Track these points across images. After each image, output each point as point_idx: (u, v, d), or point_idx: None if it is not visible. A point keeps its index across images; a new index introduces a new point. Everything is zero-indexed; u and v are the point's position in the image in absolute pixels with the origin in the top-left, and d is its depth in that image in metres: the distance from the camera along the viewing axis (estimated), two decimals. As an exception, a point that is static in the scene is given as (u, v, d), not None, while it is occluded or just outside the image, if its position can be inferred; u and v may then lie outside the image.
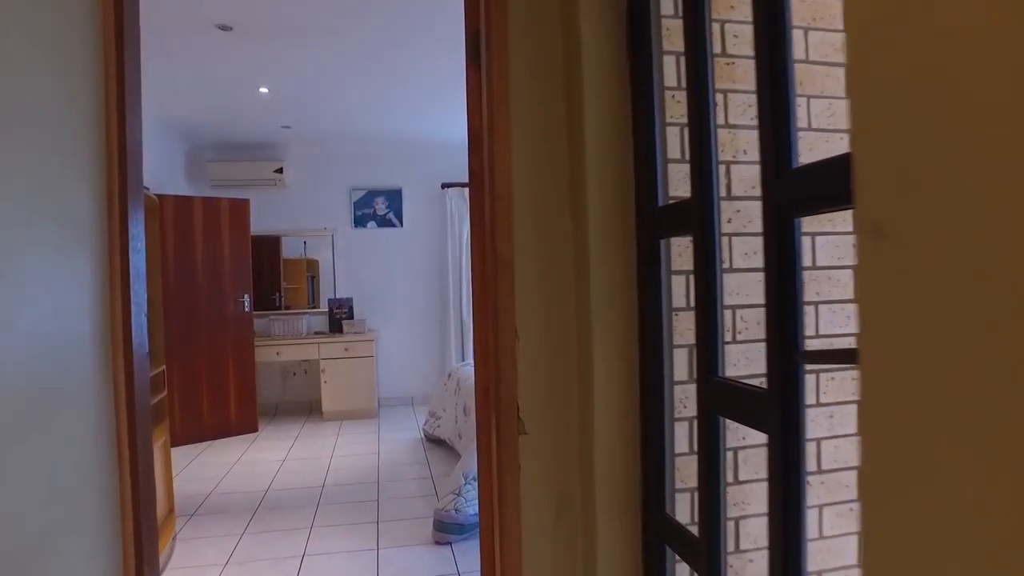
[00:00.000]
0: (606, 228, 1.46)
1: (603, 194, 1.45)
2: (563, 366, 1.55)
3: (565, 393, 1.55)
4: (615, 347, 1.46)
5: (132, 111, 1.41)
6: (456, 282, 6.45)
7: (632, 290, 1.46)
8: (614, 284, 1.46)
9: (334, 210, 6.39)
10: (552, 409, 1.54)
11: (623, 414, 1.46)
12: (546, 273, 1.54)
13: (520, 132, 1.53)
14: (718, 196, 1.17)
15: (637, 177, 1.46)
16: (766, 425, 0.98)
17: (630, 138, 1.47)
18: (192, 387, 5.16)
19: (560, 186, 1.55)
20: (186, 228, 5.13)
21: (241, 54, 3.78)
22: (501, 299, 1.50)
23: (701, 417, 1.19)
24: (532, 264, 1.54)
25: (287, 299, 6.34)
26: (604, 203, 1.46)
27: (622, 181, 1.46)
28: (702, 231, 1.18)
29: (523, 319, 1.52)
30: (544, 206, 1.55)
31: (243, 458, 4.67)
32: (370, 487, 3.91)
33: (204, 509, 3.57)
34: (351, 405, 5.87)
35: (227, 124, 5.40)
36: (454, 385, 4.58)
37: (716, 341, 1.17)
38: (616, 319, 1.46)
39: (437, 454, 4.60)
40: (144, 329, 1.41)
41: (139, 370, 1.38)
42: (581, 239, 1.50)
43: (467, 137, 1.71)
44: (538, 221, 1.54)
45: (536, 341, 1.53)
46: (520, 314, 1.52)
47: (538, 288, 1.54)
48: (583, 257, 1.49)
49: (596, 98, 1.45)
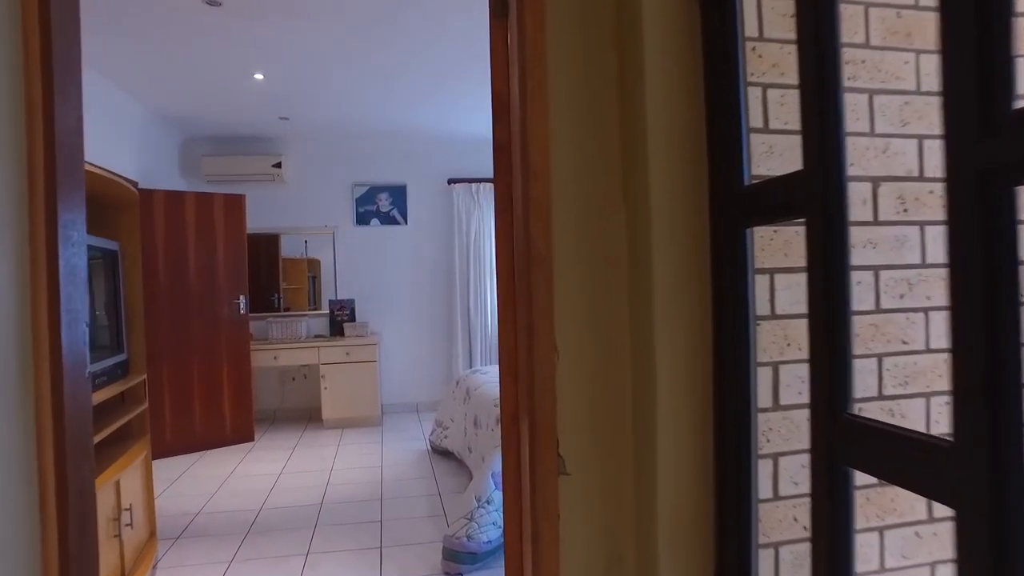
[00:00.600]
0: (672, 214, 1.14)
1: (669, 170, 1.14)
2: (614, 389, 1.24)
3: (616, 423, 1.24)
4: (683, 365, 1.14)
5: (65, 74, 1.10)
6: (463, 283, 6.14)
7: (705, 293, 1.15)
8: (681, 285, 1.14)
9: (335, 207, 6.08)
10: (600, 443, 1.23)
11: (693, 450, 1.15)
12: (592, 272, 1.23)
13: (560, 94, 1.22)
14: (846, 167, 0.86)
15: (711, 150, 1.15)
16: (954, 496, 0.67)
17: (702, 101, 1.15)
18: (184, 394, 4.86)
19: (610, 161, 1.24)
20: (177, 225, 4.82)
21: (231, 34, 3.48)
22: (536, 305, 1.19)
23: (819, 468, 0.88)
24: (575, 261, 1.22)
25: (287, 300, 6.03)
26: (670, 182, 1.14)
27: (692, 155, 1.15)
28: (823, 213, 0.86)
29: (564, 330, 1.21)
30: (590, 187, 1.23)
31: (237, 471, 4.36)
32: (372, 505, 3.60)
33: (190, 531, 3.26)
34: (352, 412, 5.56)
35: (222, 115, 5.10)
36: (462, 394, 4.27)
37: (844, 362, 0.85)
38: (684, 330, 1.14)
39: (444, 467, 4.29)
40: (82, 340, 1.10)
41: (73, 391, 1.07)
42: (639, 229, 1.19)
43: (491, 105, 1.40)
44: (583, 207, 1.23)
45: (580, 358, 1.22)
46: (560, 324, 1.21)
47: (582, 291, 1.23)
48: (641, 251, 1.18)
49: (659, 49, 1.14)
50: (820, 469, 0.87)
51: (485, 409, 3.53)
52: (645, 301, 1.16)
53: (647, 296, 1.15)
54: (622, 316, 1.24)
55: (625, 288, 1.24)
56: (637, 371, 1.21)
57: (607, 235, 1.23)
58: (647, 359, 1.16)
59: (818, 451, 0.87)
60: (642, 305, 1.18)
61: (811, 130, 0.87)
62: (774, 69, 1.21)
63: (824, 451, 0.86)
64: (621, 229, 1.24)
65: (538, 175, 1.19)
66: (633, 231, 1.21)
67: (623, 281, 1.24)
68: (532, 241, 1.18)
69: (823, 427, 0.86)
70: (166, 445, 4.74)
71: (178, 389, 4.83)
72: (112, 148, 4.24)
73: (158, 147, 5.16)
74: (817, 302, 0.87)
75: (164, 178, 5.25)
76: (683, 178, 1.15)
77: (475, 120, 5.40)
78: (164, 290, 4.75)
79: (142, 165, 4.78)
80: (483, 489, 2.86)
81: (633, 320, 1.23)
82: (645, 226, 1.16)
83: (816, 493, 0.88)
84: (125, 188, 2.71)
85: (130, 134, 4.57)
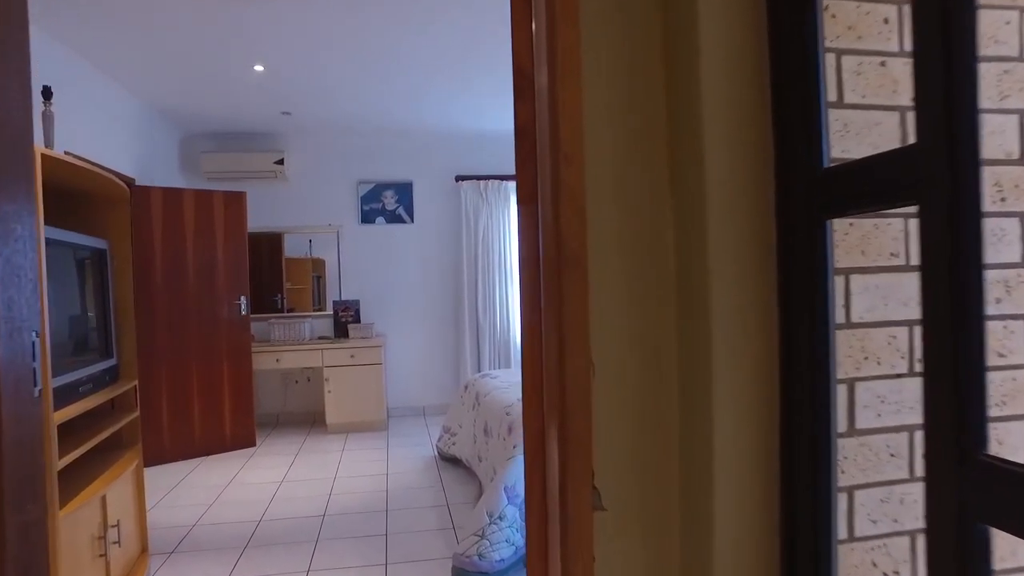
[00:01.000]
0: (733, 205, 0.96)
1: (729, 152, 0.95)
2: (659, 410, 1.05)
3: (662, 451, 1.05)
4: (745, 384, 0.96)
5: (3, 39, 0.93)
6: (471, 283, 5.95)
7: (770, 298, 0.96)
8: (744, 290, 0.96)
9: (339, 205, 5.91)
10: (642, 474, 1.05)
11: (756, 484, 0.96)
12: (634, 274, 1.04)
13: (594, 62, 1.03)
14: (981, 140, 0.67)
15: (776, 128, 0.96)
16: None
17: (766, 70, 0.97)
18: (182, 398, 4.69)
19: (654, 142, 1.05)
20: (175, 223, 4.66)
21: (229, 21, 3.30)
22: (568, 312, 1.00)
23: (941, 525, 0.69)
24: (613, 261, 1.04)
25: (290, 301, 5.86)
26: (731, 167, 0.95)
27: (756, 133, 0.96)
28: (948, 198, 0.67)
29: (601, 341, 1.03)
30: (631, 173, 1.05)
31: (236, 479, 4.19)
32: (378, 517, 3.42)
33: (185, 546, 3.09)
34: (357, 417, 5.39)
35: (221, 110, 4.93)
36: (471, 399, 4.09)
37: (979, 387, 0.66)
38: (747, 342, 0.96)
39: (453, 476, 4.11)
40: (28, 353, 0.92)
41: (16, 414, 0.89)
42: (691, 222, 1.00)
43: (513, 84, 1.22)
44: (622, 196, 1.04)
45: (619, 374, 1.04)
46: (596, 334, 1.02)
47: (622, 295, 1.04)
48: (695, 250, 0.99)
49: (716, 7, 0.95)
50: (943, 527, 0.68)
51: (496, 416, 3.34)
52: (699, 308, 0.97)
53: (702, 302, 0.97)
54: (668, 324, 1.05)
55: (672, 292, 1.05)
56: (688, 390, 1.02)
57: (651, 230, 1.05)
58: (700, 376, 0.98)
59: (940, 502, 0.68)
60: (695, 312, 0.99)
61: (930, 96, 0.69)
62: (850, 32, 1.03)
63: (949, 503, 0.67)
64: (667, 223, 1.05)
65: (570, 158, 1.00)
66: (683, 225, 1.02)
67: (670, 284, 1.05)
68: (563, 237, 1.00)
69: (947, 471, 0.68)
70: (164, 451, 4.57)
71: (176, 393, 4.66)
72: (106, 144, 4.08)
73: (156, 144, 5.00)
74: (937, 307, 0.69)
75: (163, 176, 5.09)
76: (746, 161, 0.96)
77: (483, 115, 5.22)
78: (162, 291, 4.59)
79: (139, 162, 4.62)
80: (495, 504, 2.68)
81: (683, 330, 1.04)
82: (699, 219, 0.97)
83: (936, 557, 0.69)
84: (113, 183, 2.54)
85: (126, 130, 4.41)
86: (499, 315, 5.97)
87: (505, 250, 6.00)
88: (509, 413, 3.16)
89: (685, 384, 1.03)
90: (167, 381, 4.61)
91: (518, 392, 3.60)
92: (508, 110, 5.04)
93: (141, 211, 4.47)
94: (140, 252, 4.46)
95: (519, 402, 3.25)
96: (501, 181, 5.97)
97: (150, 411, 4.49)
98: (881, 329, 1.04)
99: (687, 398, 1.03)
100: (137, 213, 4.44)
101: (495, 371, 4.57)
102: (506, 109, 5.01)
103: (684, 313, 1.04)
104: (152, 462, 4.49)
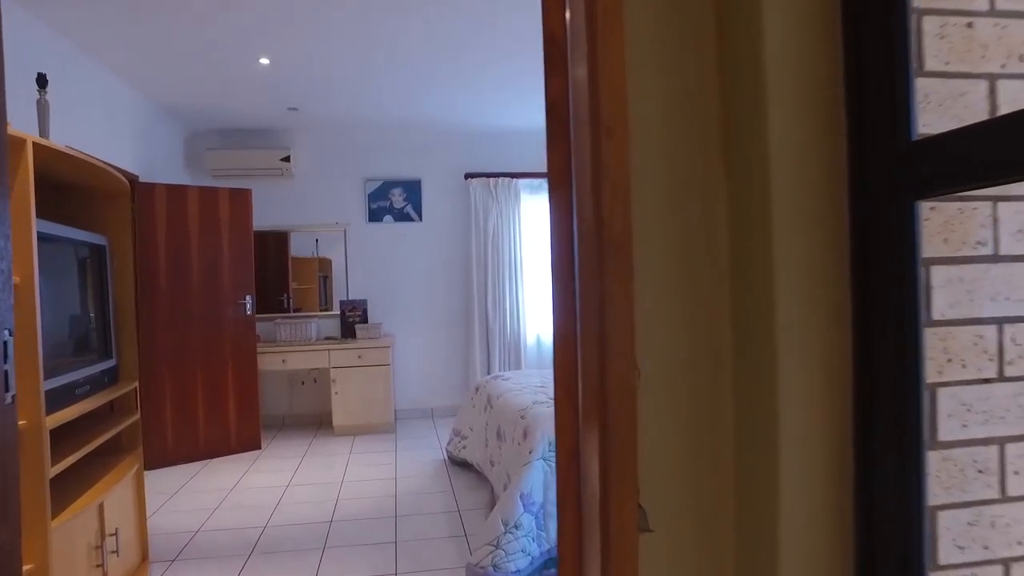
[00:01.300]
0: (801, 186, 0.83)
1: (797, 123, 0.83)
2: (712, 419, 0.93)
3: (716, 465, 0.93)
4: (815, 392, 0.83)
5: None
6: (481, 282, 5.84)
7: (844, 292, 0.84)
8: (813, 281, 0.84)
9: (346, 203, 5.80)
10: (694, 492, 0.92)
11: (827, 507, 0.84)
12: (682, 263, 0.92)
13: (639, 24, 0.91)
14: None
15: (852, 95, 0.84)
16: None
17: (838, 32, 0.84)
18: (186, 399, 4.59)
19: (705, 114, 0.93)
20: (179, 221, 4.56)
21: (233, 11, 3.20)
22: (611, 308, 0.88)
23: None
24: (660, 249, 0.92)
25: (296, 300, 5.76)
26: (798, 139, 0.83)
27: (827, 101, 0.84)
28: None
29: (647, 341, 0.91)
30: (679, 150, 0.93)
31: (241, 482, 4.09)
32: (386, 524, 3.30)
33: (188, 552, 2.98)
34: (365, 419, 5.28)
35: (227, 105, 4.83)
36: (483, 401, 3.97)
37: None
38: (819, 339, 0.83)
39: (464, 481, 3.99)
40: (0, 358, 0.81)
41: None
42: (750, 204, 0.88)
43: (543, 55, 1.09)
44: (671, 174, 0.92)
45: (667, 379, 0.92)
46: (642, 333, 0.90)
47: (669, 288, 0.92)
48: (756, 234, 0.87)
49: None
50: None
51: (510, 420, 3.22)
52: (761, 302, 0.85)
53: (764, 295, 0.85)
54: (721, 321, 0.93)
55: (726, 283, 0.93)
56: (746, 397, 0.90)
57: (702, 213, 0.93)
58: (761, 381, 0.86)
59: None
60: (755, 306, 0.87)
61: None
62: (932, -11, 0.90)
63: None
64: (720, 204, 0.93)
65: (613, 129, 0.88)
66: (740, 207, 0.90)
67: (723, 274, 0.93)
68: (605, 221, 0.88)
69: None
70: (167, 454, 4.48)
71: (180, 394, 4.56)
72: (110, 141, 3.98)
73: (161, 141, 4.91)
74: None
75: (168, 174, 4.99)
76: (815, 133, 0.84)
77: (493, 111, 5.10)
78: (165, 290, 4.49)
79: (143, 159, 4.52)
80: (511, 512, 2.56)
81: (739, 326, 0.92)
82: (761, 201, 0.85)
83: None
84: (112, 176, 2.43)
85: (130, 125, 4.31)
86: (509, 315, 5.85)
87: (515, 249, 5.88)
88: (524, 417, 3.04)
89: (743, 389, 0.91)
90: (170, 382, 4.51)
91: (532, 395, 3.48)
92: (519, 106, 4.92)
93: (145, 208, 4.37)
94: (144, 250, 4.36)
95: (534, 405, 3.13)
96: (512, 179, 5.85)
97: (153, 413, 4.39)
98: (966, 328, 0.91)
99: (745, 405, 0.91)
100: (141, 210, 4.34)
101: (507, 372, 4.45)
102: (517, 105, 4.89)
103: (740, 307, 0.91)
104: (155, 465, 4.39)
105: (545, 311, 5.99)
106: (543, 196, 5.99)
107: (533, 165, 5.90)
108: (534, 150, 5.93)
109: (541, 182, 5.95)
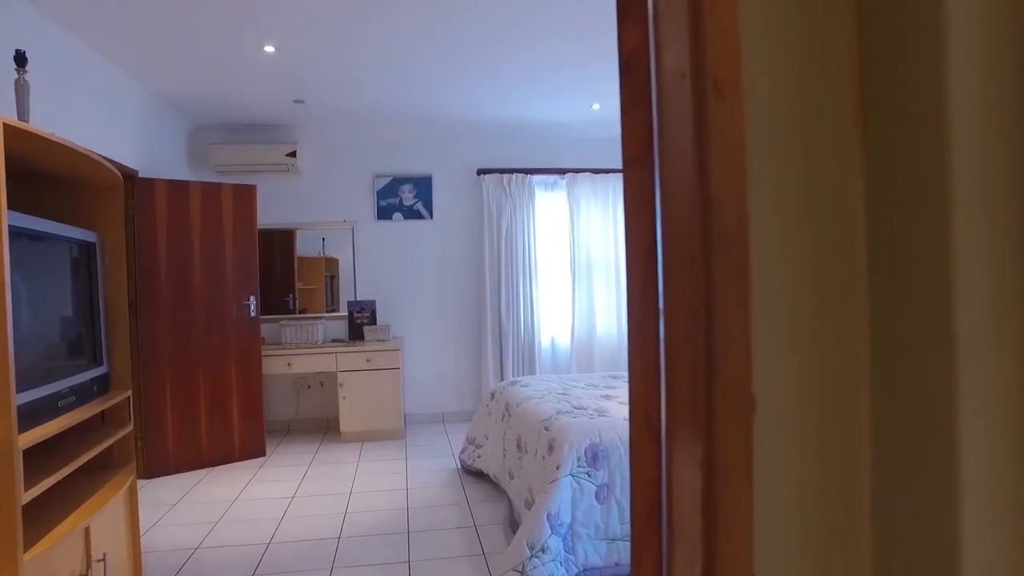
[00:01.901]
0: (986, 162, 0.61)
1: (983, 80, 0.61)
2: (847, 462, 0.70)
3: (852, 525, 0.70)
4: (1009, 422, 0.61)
5: None
6: (494, 283, 5.61)
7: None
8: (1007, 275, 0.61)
9: (354, 200, 5.59)
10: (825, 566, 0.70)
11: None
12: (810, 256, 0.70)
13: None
14: None
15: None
16: None
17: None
18: (188, 404, 4.39)
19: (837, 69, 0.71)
20: (180, 218, 4.36)
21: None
22: (722, 322, 0.66)
23: None
24: (779, 242, 0.69)
25: (302, 301, 5.56)
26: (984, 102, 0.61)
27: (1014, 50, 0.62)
28: None
29: (767, 367, 0.68)
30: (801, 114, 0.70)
31: (244, 493, 3.88)
32: (399, 540, 3.09)
33: (185, 573, 2.78)
34: (373, 425, 5.07)
35: (230, 97, 4.63)
36: (500, 409, 3.75)
37: None
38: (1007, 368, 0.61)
39: (479, 492, 3.77)
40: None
41: None
42: (905, 176, 0.65)
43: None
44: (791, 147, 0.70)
45: (791, 414, 0.69)
46: (761, 356, 0.68)
47: (792, 293, 0.70)
48: (919, 217, 0.64)
49: None
50: None
51: (531, 430, 3.00)
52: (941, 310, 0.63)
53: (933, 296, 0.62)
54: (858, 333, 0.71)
55: (863, 284, 0.71)
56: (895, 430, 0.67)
57: (835, 191, 0.70)
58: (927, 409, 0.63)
59: None
60: (915, 312, 0.65)
61: None
62: None
63: None
64: (856, 179, 0.71)
65: (724, 89, 0.66)
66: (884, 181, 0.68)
67: (859, 270, 0.71)
68: (715, 206, 0.66)
69: None
70: (168, 462, 4.28)
71: (181, 399, 4.36)
72: (106, 133, 3.78)
73: (163, 135, 4.70)
74: None
75: (170, 169, 4.79)
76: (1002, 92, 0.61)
77: (508, 104, 4.88)
78: (166, 290, 4.29)
79: (144, 154, 4.32)
80: (537, 535, 2.34)
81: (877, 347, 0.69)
82: (929, 172, 0.63)
83: None
84: (102, 167, 2.22)
85: (129, 118, 4.11)
86: (523, 317, 5.63)
87: (530, 248, 5.65)
88: (548, 428, 2.81)
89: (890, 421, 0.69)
90: (171, 386, 4.31)
91: (555, 403, 3.26)
92: (536, 98, 4.69)
93: (145, 205, 4.18)
94: (143, 249, 4.17)
95: (558, 415, 2.91)
96: (526, 175, 5.63)
97: (153, 419, 4.19)
98: None
99: (893, 454, 0.68)
100: (141, 207, 4.15)
101: (524, 378, 4.23)
102: (534, 97, 4.67)
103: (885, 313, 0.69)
104: (155, 473, 4.20)
105: (560, 313, 5.77)
106: (558, 193, 5.77)
107: (547, 161, 5.68)
108: (549, 145, 5.71)
109: (556, 179, 5.73)
